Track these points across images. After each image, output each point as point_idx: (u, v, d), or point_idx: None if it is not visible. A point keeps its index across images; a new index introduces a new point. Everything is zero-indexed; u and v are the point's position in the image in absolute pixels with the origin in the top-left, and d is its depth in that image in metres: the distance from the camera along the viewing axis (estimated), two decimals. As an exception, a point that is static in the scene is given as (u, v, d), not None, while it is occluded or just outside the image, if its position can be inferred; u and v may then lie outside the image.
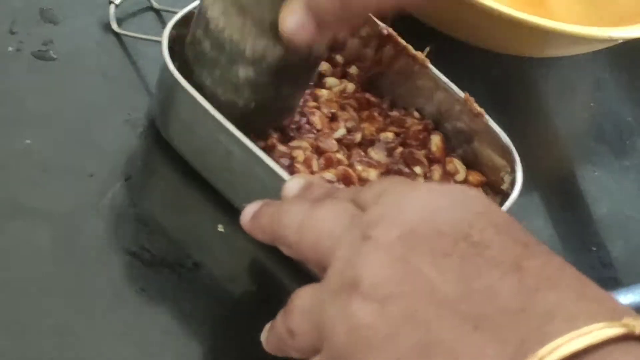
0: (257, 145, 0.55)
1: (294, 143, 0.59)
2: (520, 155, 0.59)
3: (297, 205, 0.47)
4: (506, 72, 0.75)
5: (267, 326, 0.47)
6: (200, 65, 0.56)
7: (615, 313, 0.36)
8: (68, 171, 0.57)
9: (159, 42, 0.57)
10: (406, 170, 0.61)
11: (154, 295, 0.54)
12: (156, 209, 0.58)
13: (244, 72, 0.54)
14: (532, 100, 0.75)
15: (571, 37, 0.66)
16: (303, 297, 0.43)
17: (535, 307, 0.36)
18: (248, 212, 0.50)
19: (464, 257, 0.38)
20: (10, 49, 0.61)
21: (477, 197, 0.42)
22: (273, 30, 0.51)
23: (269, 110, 0.57)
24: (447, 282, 0.38)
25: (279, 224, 0.47)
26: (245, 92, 0.55)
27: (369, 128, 0.63)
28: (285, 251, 0.48)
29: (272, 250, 0.54)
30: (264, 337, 0.47)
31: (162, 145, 0.60)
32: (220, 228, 0.58)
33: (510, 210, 0.57)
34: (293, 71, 0.56)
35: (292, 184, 0.50)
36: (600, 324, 0.35)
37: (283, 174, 0.54)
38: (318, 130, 0.61)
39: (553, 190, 0.70)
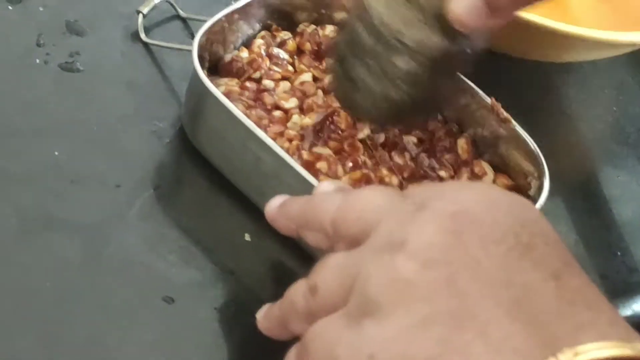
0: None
1: (317, 150, 0.60)
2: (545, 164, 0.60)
3: (333, 193, 0.47)
4: (529, 78, 0.75)
5: (265, 305, 0.48)
6: (356, 59, 0.54)
7: None
8: (96, 182, 0.58)
9: (185, 51, 0.57)
10: (432, 174, 0.62)
11: (183, 305, 0.54)
12: (184, 219, 0.58)
13: (403, 63, 0.53)
14: (555, 105, 0.75)
15: (593, 42, 0.66)
16: (337, 256, 0.43)
17: (570, 317, 0.37)
18: (275, 202, 0.51)
19: (511, 251, 0.39)
20: (37, 61, 0.62)
21: (531, 207, 0.43)
22: (439, 20, 0.51)
23: (422, 103, 0.56)
24: (491, 266, 0.38)
25: (315, 207, 0.47)
26: (402, 85, 0.54)
27: (392, 130, 0.63)
28: (312, 238, 0.47)
29: (299, 258, 0.55)
30: (261, 313, 0.48)
31: (189, 155, 0.60)
32: (247, 237, 0.58)
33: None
34: (451, 64, 0.55)
35: (323, 187, 0.51)
36: (635, 343, 0.36)
37: (312, 179, 0.54)
38: (342, 131, 0.61)
39: (577, 194, 0.70)
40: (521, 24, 0.64)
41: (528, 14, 0.64)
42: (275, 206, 0.51)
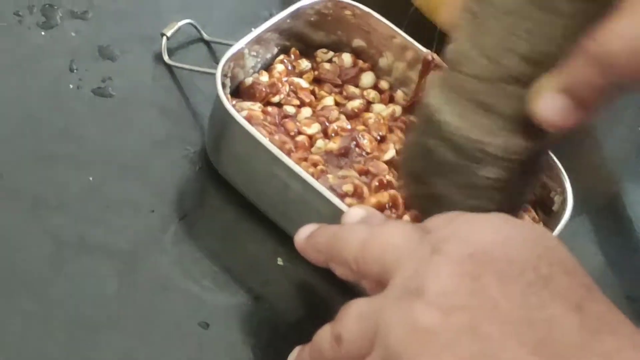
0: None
1: (342, 172, 0.60)
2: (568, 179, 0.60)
3: (359, 226, 0.48)
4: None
5: (296, 348, 0.48)
6: (436, 175, 0.51)
7: None
8: (130, 207, 0.58)
9: (212, 75, 0.58)
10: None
11: (217, 330, 0.55)
12: (216, 244, 0.59)
13: (490, 172, 0.49)
14: (578, 125, 0.75)
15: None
16: (359, 304, 0.43)
17: (594, 347, 0.37)
18: (303, 232, 0.51)
19: (530, 286, 0.39)
20: (70, 86, 0.63)
21: (547, 235, 0.43)
22: (521, 122, 0.48)
23: (510, 204, 0.52)
24: (511, 306, 0.38)
25: (339, 241, 0.47)
26: (494, 194, 0.50)
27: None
28: (339, 271, 0.48)
29: (332, 283, 0.55)
30: (291, 358, 0.48)
31: (221, 180, 0.61)
32: (280, 261, 0.59)
33: (561, 234, 0.58)
34: (537, 159, 0.52)
35: (353, 212, 0.51)
36: None
37: (341, 205, 0.55)
38: (368, 153, 0.62)
39: (602, 215, 0.70)
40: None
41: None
42: (304, 236, 0.51)
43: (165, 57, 0.67)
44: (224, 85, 0.60)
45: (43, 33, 0.65)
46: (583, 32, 0.44)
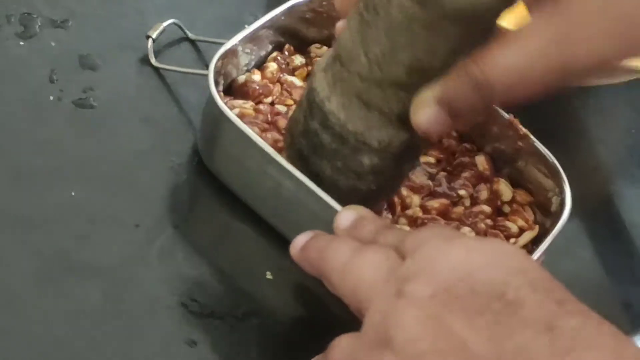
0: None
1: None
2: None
3: (343, 245, 0.47)
4: (546, 101, 0.74)
5: None
6: (318, 156, 0.54)
7: None
8: (115, 222, 0.57)
9: (198, 80, 0.57)
10: (452, 193, 0.61)
11: (205, 347, 0.53)
12: (205, 258, 0.57)
13: (368, 160, 0.53)
14: (573, 129, 0.75)
15: (612, 68, 0.65)
16: (341, 348, 0.43)
17: None
18: (298, 242, 0.51)
19: (497, 316, 0.38)
20: (51, 98, 0.61)
21: (514, 254, 0.42)
22: (400, 120, 0.51)
23: (388, 188, 0.58)
24: (479, 341, 0.38)
25: (325, 262, 0.47)
26: (368, 177, 0.54)
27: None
28: (329, 287, 0.48)
29: (324, 295, 0.54)
30: None
31: (207, 192, 0.60)
32: (269, 275, 0.57)
33: (556, 239, 0.58)
34: (416, 150, 0.55)
35: (344, 217, 0.51)
36: None
37: (334, 204, 0.54)
38: None
39: (598, 219, 0.70)
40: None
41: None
42: (298, 247, 0.50)
43: (153, 60, 0.65)
44: (216, 83, 0.59)
45: (22, 43, 0.63)
46: (466, 51, 0.46)
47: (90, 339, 0.52)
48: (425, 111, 0.48)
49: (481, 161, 0.63)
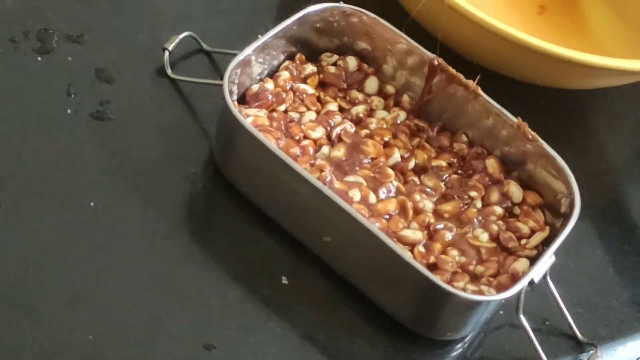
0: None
1: (349, 178, 0.61)
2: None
3: None
4: (554, 103, 0.75)
5: None
6: None
7: None
8: (133, 231, 0.58)
9: (212, 90, 0.58)
10: (463, 195, 0.62)
11: (224, 352, 0.54)
12: (221, 264, 0.58)
13: None
14: (582, 130, 0.75)
15: (618, 71, 0.66)
16: None
17: None
18: None
19: None
20: (68, 111, 0.63)
21: None
22: None
23: None
24: None
25: None
26: None
27: (421, 155, 0.64)
28: None
29: (340, 300, 0.55)
30: None
31: (222, 200, 0.61)
32: (285, 280, 0.58)
33: (566, 240, 0.58)
34: None
35: None
36: None
37: (349, 209, 0.55)
38: (373, 159, 0.62)
39: (607, 220, 0.70)
40: (549, 57, 0.64)
41: (549, 45, 0.64)
42: None
43: (169, 72, 0.66)
44: (230, 93, 0.60)
45: (39, 58, 0.65)
46: None
47: (111, 346, 0.53)
48: None
49: (491, 164, 0.64)
